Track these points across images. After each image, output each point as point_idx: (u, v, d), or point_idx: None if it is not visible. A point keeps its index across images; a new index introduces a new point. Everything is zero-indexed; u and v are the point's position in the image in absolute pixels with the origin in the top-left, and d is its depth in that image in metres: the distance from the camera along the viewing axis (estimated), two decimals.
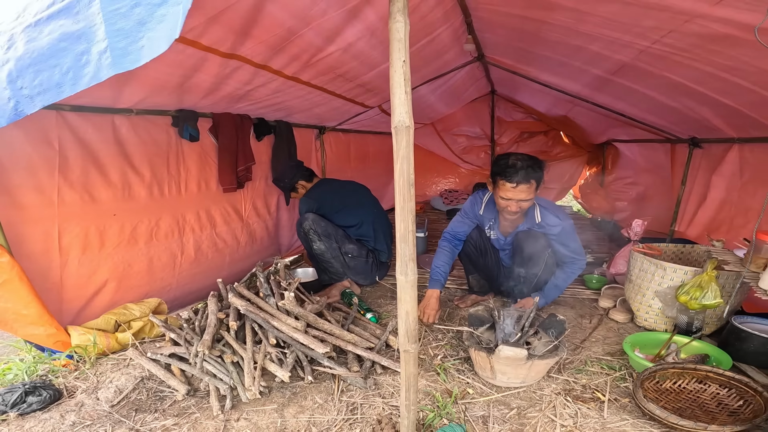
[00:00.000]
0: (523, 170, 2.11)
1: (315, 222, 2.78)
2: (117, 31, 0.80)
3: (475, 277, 2.71)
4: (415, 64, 3.22)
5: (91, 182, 2.12)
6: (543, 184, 2.23)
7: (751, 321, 2.05)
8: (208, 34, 1.72)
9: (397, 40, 1.00)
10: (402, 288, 1.15)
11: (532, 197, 2.20)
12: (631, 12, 1.73)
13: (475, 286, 2.74)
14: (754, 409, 1.55)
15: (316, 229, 2.78)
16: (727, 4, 1.31)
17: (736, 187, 2.89)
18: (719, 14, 1.42)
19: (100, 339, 2.00)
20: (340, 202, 2.97)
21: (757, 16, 1.21)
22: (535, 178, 2.14)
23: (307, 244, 2.85)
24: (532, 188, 2.15)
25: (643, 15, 1.72)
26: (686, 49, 1.86)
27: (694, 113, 2.72)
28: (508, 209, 2.24)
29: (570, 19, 2.06)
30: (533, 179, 2.13)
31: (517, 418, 1.62)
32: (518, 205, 2.20)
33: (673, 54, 1.96)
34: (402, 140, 1.04)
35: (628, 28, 1.90)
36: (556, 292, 2.48)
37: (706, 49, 1.81)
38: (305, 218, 2.80)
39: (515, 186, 2.12)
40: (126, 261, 2.30)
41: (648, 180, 4.42)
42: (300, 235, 2.87)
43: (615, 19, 1.86)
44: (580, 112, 4.43)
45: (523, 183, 2.12)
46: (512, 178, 2.12)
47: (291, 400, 1.75)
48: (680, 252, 2.60)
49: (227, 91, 2.41)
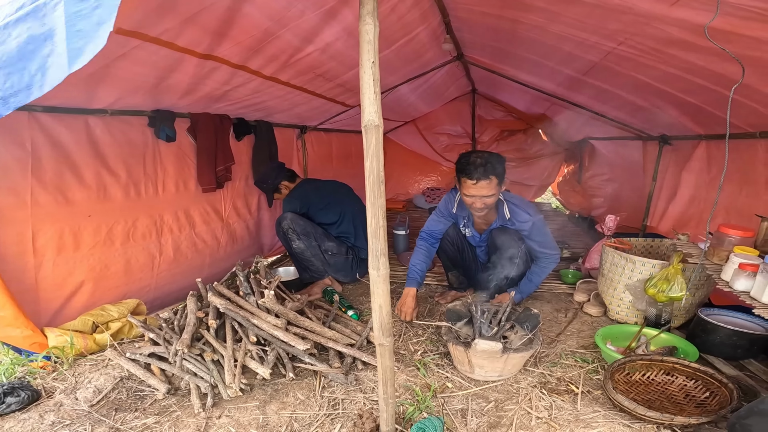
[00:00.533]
0: (481, 167, 2.14)
1: (293, 221, 2.79)
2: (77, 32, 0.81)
3: (454, 273, 2.76)
4: (395, 64, 3.25)
5: (65, 183, 2.10)
6: (506, 179, 2.27)
7: (718, 313, 2.10)
8: (183, 35, 1.72)
9: (367, 42, 1.02)
10: (374, 282, 1.18)
11: (495, 193, 2.23)
12: (598, 14, 1.79)
13: (455, 283, 2.79)
14: (720, 400, 1.59)
15: (294, 228, 2.79)
16: (683, 4, 1.38)
17: (704, 182, 3.00)
18: (676, 15, 1.48)
19: (77, 340, 1.99)
20: (322, 201, 2.99)
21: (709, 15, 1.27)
22: (494, 173, 2.16)
23: (287, 244, 2.86)
24: (493, 184, 2.18)
25: (607, 17, 1.79)
26: (648, 51, 1.94)
27: (663, 111, 2.82)
28: (473, 206, 2.28)
29: (542, 19, 2.12)
30: (493, 175, 2.16)
31: (495, 410, 1.67)
32: (482, 202, 2.24)
33: (637, 56, 2.04)
34: (372, 138, 1.07)
35: (595, 29, 1.97)
36: (530, 287, 2.54)
37: (665, 54, 1.89)
38: (284, 218, 2.81)
39: (476, 183, 2.16)
40: (102, 262, 2.28)
41: (622, 176, 4.54)
42: (279, 234, 2.88)
43: (583, 20, 1.93)
44: (557, 110, 4.53)
45: (483, 179, 2.15)
46: (472, 175, 2.15)
47: (273, 396, 1.76)
48: (650, 246, 2.70)
49: (205, 92, 2.41)
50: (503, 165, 2.22)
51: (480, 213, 2.36)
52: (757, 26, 1.32)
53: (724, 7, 1.22)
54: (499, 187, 2.24)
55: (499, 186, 2.23)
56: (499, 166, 2.19)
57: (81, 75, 1.74)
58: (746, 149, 2.47)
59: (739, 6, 1.22)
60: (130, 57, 1.74)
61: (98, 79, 1.87)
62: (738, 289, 1.66)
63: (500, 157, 2.23)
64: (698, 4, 1.33)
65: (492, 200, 2.26)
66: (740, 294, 1.64)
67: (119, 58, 1.72)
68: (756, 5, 1.19)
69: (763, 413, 1.19)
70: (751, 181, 2.48)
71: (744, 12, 1.26)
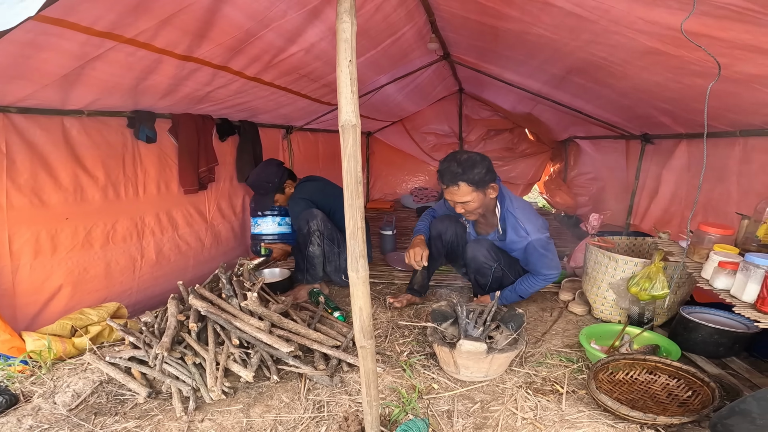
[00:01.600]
0: (449, 172, 2.05)
1: (324, 223, 2.66)
2: None
3: (423, 273, 2.62)
4: (381, 64, 3.24)
5: (41, 185, 2.05)
6: (490, 185, 2.14)
7: (699, 311, 2.12)
8: (161, 36, 1.70)
9: (344, 41, 1.01)
10: (354, 285, 1.17)
11: (470, 200, 2.12)
12: (571, 23, 1.80)
13: (416, 284, 2.65)
14: (702, 399, 1.60)
15: (322, 230, 2.67)
16: (659, 4, 1.38)
17: (685, 181, 3.05)
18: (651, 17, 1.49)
19: (55, 344, 1.97)
20: (329, 202, 2.86)
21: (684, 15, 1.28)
22: (464, 180, 2.04)
23: (303, 241, 2.71)
24: (465, 191, 2.07)
25: (580, 27, 1.80)
26: (619, 63, 1.97)
27: (644, 111, 2.86)
28: (456, 210, 2.22)
29: (519, 27, 2.13)
30: (462, 182, 2.05)
31: (481, 411, 1.67)
32: (461, 207, 2.16)
33: (610, 65, 2.06)
34: (349, 139, 1.05)
35: (569, 41, 1.99)
36: (513, 297, 2.44)
37: (635, 65, 1.92)
38: (313, 216, 2.66)
39: (446, 188, 2.09)
40: (81, 265, 2.24)
41: (606, 175, 4.59)
42: (301, 232, 2.72)
43: (556, 32, 1.95)
44: (543, 109, 4.56)
45: (452, 185, 2.06)
46: (442, 179, 2.08)
47: (257, 399, 1.75)
48: (632, 244, 2.73)
49: (186, 92, 2.37)
50: (481, 170, 2.08)
51: (468, 217, 2.30)
52: (732, 26, 1.33)
53: (699, 6, 1.23)
54: (478, 193, 2.12)
55: (478, 192, 2.12)
56: (473, 172, 2.05)
57: (54, 76, 1.72)
58: (726, 147, 2.51)
59: (714, 4, 1.23)
60: (106, 58, 1.70)
61: (72, 81, 1.83)
62: (718, 287, 1.68)
63: (477, 163, 2.07)
64: (673, 2, 1.33)
65: (473, 206, 2.15)
66: (720, 292, 1.66)
67: (94, 59, 1.68)
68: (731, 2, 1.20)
69: (744, 413, 1.21)
70: (730, 179, 2.53)
71: (720, 11, 1.27)
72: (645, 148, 3.55)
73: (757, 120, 2.13)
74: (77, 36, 1.52)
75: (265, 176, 2.95)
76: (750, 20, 1.25)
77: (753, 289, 1.53)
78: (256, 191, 3.05)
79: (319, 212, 2.69)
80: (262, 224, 3.25)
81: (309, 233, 2.68)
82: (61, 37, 1.49)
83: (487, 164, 2.12)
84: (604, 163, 4.61)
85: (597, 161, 4.81)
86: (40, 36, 1.45)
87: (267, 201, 3.03)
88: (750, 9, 1.18)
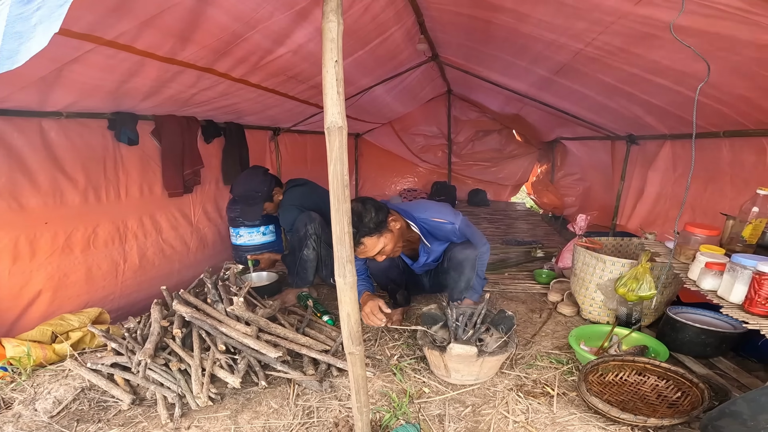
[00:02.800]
0: None
1: (321, 227, 2.61)
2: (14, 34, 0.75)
3: (402, 293, 2.53)
4: (369, 65, 3.22)
5: (19, 189, 1.99)
6: (389, 223, 2.06)
7: (686, 311, 2.12)
8: (142, 38, 1.65)
9: (330, 40, 0.99)
10: (341, 290, 1.15)
11: (383, 245, 2.04)
12: (566, 12, 1.81)
13: (399, 298, 2.53)
14: (692, 400, 1.59)
15: (319, 234, 2.61)
16: (648, 2, 1.39)
17: (670, 181, 3.09)
18: (641, 12, 1.50)
19: (35, 350, 1.92)
20: (323, 205, 2.76)
21: (674, 13, 1.29)
22: (363, 235, 1.97)
23: (298, 244, 2.65)
24: (370, 244, 2.00)
25: (575, 16, 1.80)
26: (614, 52, 1.98)
27: (629, 112, 2.89)
28: (378, 261, 2.14)
29: (512, 19, 2.13)
30: (362, 238, 1.97)
31: (472, 415, 1.65)
32: (381, 256, 2.08)
33: (603, 56, 2.07)
34: (335, 141, 1.03)
35: (563, 30, 1.99)
36: (481, 282, 2.41)
37: (631, 53, 1.93)
38: (311, 220, 2.60)
39: (355, 251, 1.89)
40: (61, 270, 2.19)
41: (593, 176, 4.65)
42: (297, 234, 2.66)
43: (551, 20, 1.95)
44: (530, 110, 4.60)
45: (357, 247, 1.99)
46: None
47: (245, 406, 1.71)
48: (619, 245, 2.75)
49: (169, 94, 2.32)
50: (371, 216, 2.00)
51: (394, 255, 2.19)
52: (721, 24, 1.34)
53: (688, 5, 1.24)
54: (384, 236, 2.04)
55: (384, 235, 2.03)
56: (363, 223, 1.98)
57: (31, 78, 1.66)
58: (710, 148, 2.55)
59: (703, 3, 1.24)
60: (84, 61, 1.65)
61: (51, 83, 1.77)
62: (705, 288, 1.69)
63: (363, 212, 1.99)
64: (662, 1, 1.34)
65: (390, 248, 2.07)
66: (708, 293, 1.67)
67: (72, 61, 1.63)
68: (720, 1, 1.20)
69: (734, 414, 1.22)
70: (715, 179, 2.56)
71: (708, 9, 1.27)
72: (630, 148, 3.59)
73: (742, 119, 2.16)
74: (54, 38, 1.47)
75: (254, 186, 2.85)
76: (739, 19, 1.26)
77: (740, 289, 1.55)
78: (245, 202, 2.88)
79: (317, 216, 2.63)
80: (245, 235, 3.14)
81: (305, 236, 2.63)
82: None
83: (370, 206, 2.03)
84: (590, 164, 4.67)
85: (583, 162, 4.87)
86: None
87: (256, 210, 2.88)
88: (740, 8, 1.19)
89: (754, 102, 1.93)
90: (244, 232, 3.14)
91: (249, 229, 3.14)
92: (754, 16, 1.24)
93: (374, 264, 2.33)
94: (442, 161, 6.74)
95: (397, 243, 2.14)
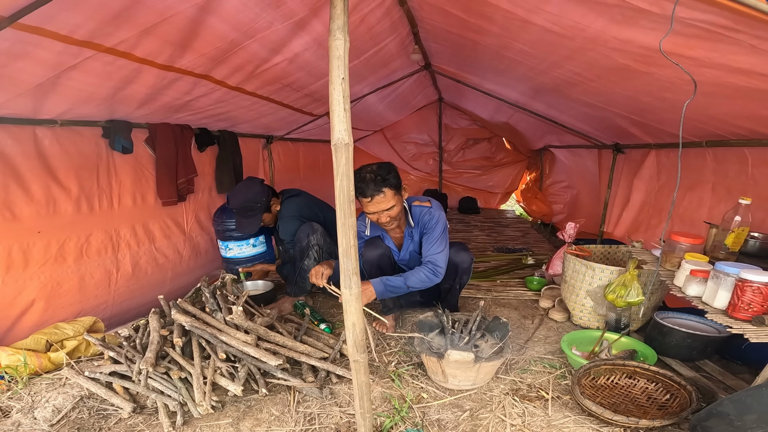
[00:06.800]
0: (372, 182, 2.08)
1: (324, 238, 2.61)
2: None
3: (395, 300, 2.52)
4: (363, 74, 3.26)
5: (12, 198, 1.98)
6: (405, 186, 2.21)
7: (673, 316, 2.19)
8: (141, 46, 1.67)
9: (337, 58, 1.01)
10: (347, 301, 1.17)
11: (395, 203, 2.15)
12: (549, 39, 1.87)
13: (390, 303, 2.53)
14: (680, 402, 1.66)
15: (321, 245, 2.61)
16: (633, 24, 1.45)
17: (654, 189, 3.18)
18: (624, 36, 1.56)
19: (30, 359, 1.91)
20: (322, 217, 2.81)
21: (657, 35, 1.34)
22: (386, 185, 2.09)
23: (300, 254, 2.64)
24: (389, 195, 2.11)
25: (558, 44, 1.87)
26: (593, 79, 2.05)
27: (614, 122, 2.97)
28: (380, 222, 2.21)
29: (497, 44, 2.20)
30: (385, 187, 2.09)
31: (470, 419, 1.68)
32: (386, 215, 2.17)
33: (583, 82, 2.14)
34: (341, 157, 1.05)
35: (546, 56, 2.06)
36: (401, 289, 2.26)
37: (608, 80, 2.00)
38: (313, 231, 2.61)
39: (371, 200, 2.10)
40: (54, 279, 2.17)
41: (580, 184, 4.74)
42: (299, 244, 2.63)
43: (534, 47, 2.02)
44: (519, 119, 4.68)
45: (377, 194, 2.09)
46: (365, 193, 2.10)
47: (246, 413, 1.72)
48: (607, 252, 2.82)
49: (164, 101, 2.32)
50: (395, 172, 2.17)
51: (391, 227, 2.30)
52: (702, 44, 1.40)
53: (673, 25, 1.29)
54: (398, 195, 2.17)
55: (398, 194, 2.17)
56: (390, 176, 2.12)
57: (29, 85, 1.67)
58: (693, 157, 2.64)
59: (687, 23, 1.30)
60: (83, 67, 1.67)
61: (47, 90, 1.78)
62: (690, 295, 1.76)
63: (389, 166, 2.16)
64: (647, 23, 1.40)
65: (396, 211, 2.17)
66: (693, 299, 1.74)
67: (70, 68, 1.64)
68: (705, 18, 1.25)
69: (721, 415, 1.27)
70: (695, 188, 2.65)
71: (692, 29, 1.33)
72: (617, 157, 3.68)
73: (723, 131, 2.25)
74: (54, 45, 1.48)
75: (253, 197, 2.75)
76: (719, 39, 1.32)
77: (724, 296, 1.61)
78: (242, 214, 2.77)
79: (320, 227, 2.64)
80: (235, 248, 3.08)
81: (308, 246, 2.63)
82: (38, 45, 1.45)
83: (395, 168, 2.21)
84: (577, 172, 4.76)
85: (571, 170, 4.96)
86: (17, 45, 1.41)
87: (254, 222, 2.76)
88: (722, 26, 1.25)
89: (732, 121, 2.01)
90: (233, 245, 3.07)
91: (238, 242, 3.07)
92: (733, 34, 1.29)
93: (369, 251, 2.39)
94: (433, 169, 6.80)
95: (401, 212, 2.25)
